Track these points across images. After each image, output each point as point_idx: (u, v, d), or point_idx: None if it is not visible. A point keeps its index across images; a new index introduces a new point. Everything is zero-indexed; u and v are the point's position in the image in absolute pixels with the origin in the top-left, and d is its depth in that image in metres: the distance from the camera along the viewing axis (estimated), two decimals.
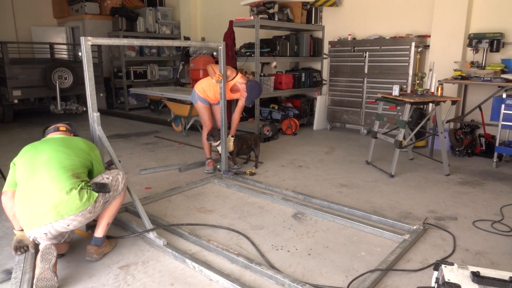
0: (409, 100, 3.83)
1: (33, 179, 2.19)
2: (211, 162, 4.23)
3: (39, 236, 2.18)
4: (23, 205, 2.18)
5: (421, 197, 3.46)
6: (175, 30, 9.35)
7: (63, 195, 2.12)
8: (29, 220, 2.14)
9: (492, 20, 4.93)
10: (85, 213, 2.20)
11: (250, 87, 4.00)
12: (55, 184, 2.15)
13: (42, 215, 2.11)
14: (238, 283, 2.07)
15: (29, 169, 2.24)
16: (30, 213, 2.14)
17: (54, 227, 2.14)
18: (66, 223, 2.15)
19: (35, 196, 2.15)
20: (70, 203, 2.13)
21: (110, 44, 3.04)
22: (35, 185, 2.17)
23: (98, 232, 2.40)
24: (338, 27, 6.45)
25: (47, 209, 2.11)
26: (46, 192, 2.14)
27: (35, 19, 9.37)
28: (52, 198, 2.12)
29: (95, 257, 2.37)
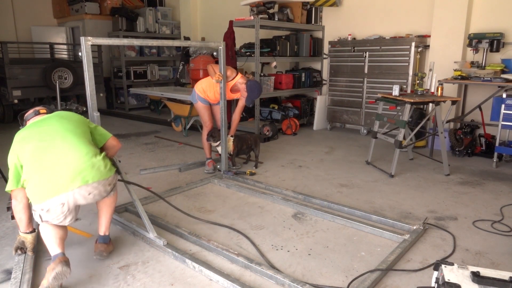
0: (409, 100, 3.83)
1: (48, 151, 2.11)
2: (211, 162, 4.23)
3: (53, 208, 2.06)
4: (40, 175, 2.07)
5: (421, 197, 3.46)
6: (175, 30, 9.35)
7: (88, 160, 2.10)
8: (47, 188, 2.04)
9: (492, 20, 4.93)
10: (106, 184, 2.18)
11: (250, 87, 4.00)
12: (76, 150, 2.11)
13: (65, 182, 2.04)
14: (238, 283, 2.07)
15: (41, 145, 2.14)
16: (49, 181, 2.05)
17: (75, 195, 2.07)
18: (88, 190, 2.10)
19: (54, 164, 2.07)
20: (95, 169, 2.11)
21: (110, 44, 3.04)
22: (53, 155, 2.10)
23: (104, 229, 2.39)
24: (338, 27, 6.45)
25: (72, 174, 2.05)
26: (67, 158, 2.08)
27: (35, 19, 9.37)
28: (76, 163, 2.07)
29: (105, 255, 2.35)
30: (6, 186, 2.21)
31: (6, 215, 3.05)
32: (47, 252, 2.46)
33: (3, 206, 3.21)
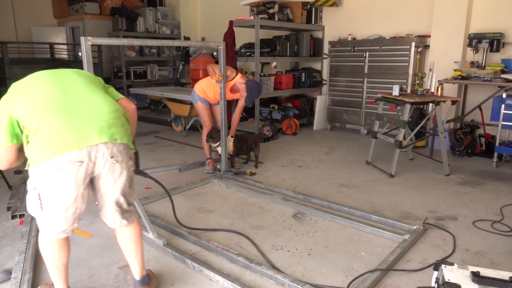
0: (409, 100, 3.83)
1: (67, 94, 1.71)
2: (211, 162, 4.23)
3: (68, 168, 1.60)
4: (60, 120, 1.61)
5: (421, 197, 3.46)
6: (175, 30, 9.35)
7: (119, 116, 1.75)
8: (66, 140, 1.60)
9: (492, 20, 4.93)
10: (128, 155, 1.79)
11: (250, 87, 4.00)
12: (105, 102, 1.75)
13: (90, 133, 1.63)
14: (238, 283, 2.07)
15: (57, 85, 1.73)
16: (70, 129, 1.61)
17: (98, 152, 1.65)
18: (113, 152, 1.70)
19: (79, 110, 1.66)
20: (124, 129, 1.76)
21: (110, 44, 3.05)
22: (76, 98, 1.71)
23: (138, 271, 1.98)
24: (338, 27, 6.45)
25: (100, 126, 1.65)
26: (96, 107, 1.71)
27: (35, 19, 9.37)
28: (107, 115, 1.70)
29: None
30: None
31: (6, 215, 3.05)
32: None
33: (3, 206, 3.21)
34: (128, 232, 1.94)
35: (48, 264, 1.83)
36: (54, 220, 1.71)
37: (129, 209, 1.91)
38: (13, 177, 3.92)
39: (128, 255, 1.97)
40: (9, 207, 3.14)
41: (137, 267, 1.97)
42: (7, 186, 3.60)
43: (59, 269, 1.83)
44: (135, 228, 1.95)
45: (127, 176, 1.82)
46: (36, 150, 1.61)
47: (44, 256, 1.82)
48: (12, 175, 3.99)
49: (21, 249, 2.41)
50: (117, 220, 1.89)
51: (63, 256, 1.82)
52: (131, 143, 1.83)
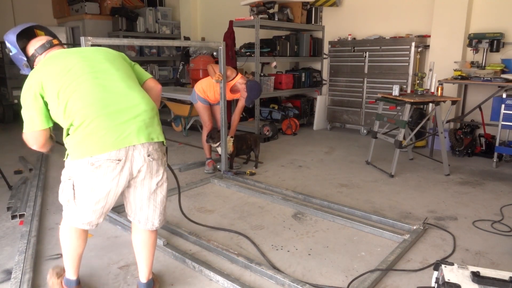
0: (409, 100, 3.83)
1: (105, 87, 1.73)
2: (211, 162, 4.23)
3: (106, 165, 1.66)
4: (102, 118, 1.66)
5: (421, 197, 3.46)
6: (175, 30, 9.35)
7: (154, 115, 1.79)
8: (107, 139, 1.65)
9: (492, 20, 4.93)
10: (162, 152, 1.82)
11: (250, 87, 4.00)
12: (143, 100, 1.77)
13: (129, 133, 1.68)
14: (238, 283, 2.07)
15: (92, 75, 1.74)
16: (111, 128, 1.66)
17: (135, 151, 1.70)
18: (149, 151, 1.74)
19: (118, 110, 1.70)
20: (159, 127, 1.81)
21: (110, 44, 3.04)
22: (115, 97, 1.73)
23: (146, 275, 2.00)
24: (338, 27, 6.45)
25: (139, 126, 1.70)
26: (134, 106, 1.73)
27: (35, 19, 9.31)
28: (144, 115, 1.74)
29: None
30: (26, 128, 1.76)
31: (6, 215, 3.05)
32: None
33: (3, 206, 3.21)
34: (148, 236, 1.97)
35: (65, 252, 1.94)
36: (83, 210, 1.77)
37: (163, 213, 1.96)
38: (13, 177, 3.92)
39: (139, 256, 1.99)
40: (9, 207, 3.15)
41: (146, 270, 2.00)
42: (7, 186, 3.60)
43: (73, 258, 1.96)
44: (154, 232, 1.99)
45: (163, 172, 1.87)
46: (79, 145, 1.68)
47: (63, 244, 1.93)
48: (12, 175, 3.99)
49: (21, 249, 2.41)
50: (151, 220, 1.91)
51: (80, 247, 1.94)
52: (163, 137, 1.86)
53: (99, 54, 1.88)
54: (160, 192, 1.89)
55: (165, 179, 1.89)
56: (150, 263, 2.00)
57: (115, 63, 1.88)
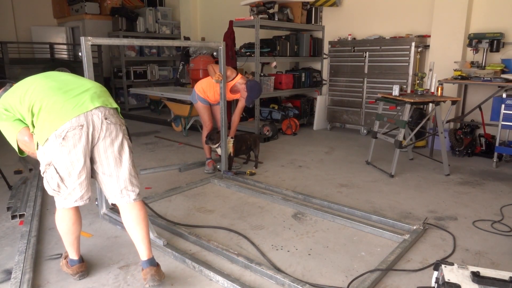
0: (409, 100, 3.83)
1: (60, 80, 2.02)
2: (211, 162, 4.23)
3: (71, 133, 1.84)
4: (57, 97, 1.89)
5: (421, 197, 3.46)
6: (175, 30, 9.35)
7: (105, 90, 2.08)
8: (65, 111, 1.86)
9: (492, 20, 4.93)
10: (119, 120, 2.01)
11: (250, 86, 4.00)
12: (88, 80, 2.10)
13: (84, 102, 1.90)
14: (238, 283, 2.07)
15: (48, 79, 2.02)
16: (67, 102, 1.88)
17: (93, 116, 1.90)
18: (106, 114, 1.93)
19: (71, 88, 1.96)
20: (112, 99, 2.07)
21: (110, 44, 3.04)
22: (67, 82, 2.01)
23: (145, 253, 2.07)
24: (338, 27, 6.45)
25: (91, 96, 1.94)
26: (85, 84, 2.02)
27: (35, 19, 9.38)
28: (95, 89, 2.01)
29: (158, 278, 2.01)
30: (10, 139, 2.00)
31: (6, 215, 3.05)
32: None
33: (3, 206, 3.21)
34: (135, 211, 2.07)
35: (63, 237, 2.12)
36: (71, 188, 1.94)
37: (136, 181, 2.09)
38: (13, 177, 3.92)
39: (134, 236, 2.08)
40: (9, 207, 3.15)
41: (144, 247, 2.06)
42: (7, 186, 3.60)
43: (71, 241, 2.13)
44: (141, 208, 2.10)
45: (123, 139, 2.03)
46: (43, 126, 1.87)
47: (60, 230, 2.10)
48: (12, 175, 3.99)
49: (21, 249, 2.41)
50: (125, 192, 2.04)
51: (76, 230, 2.11)
52: (120, 114, 2.09)
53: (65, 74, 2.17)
54: (125, 159, 2.04)
55: (126, 146, 2.05)
56: (147, 240, 2.07)
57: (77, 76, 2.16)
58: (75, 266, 2.17)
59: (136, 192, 2.08)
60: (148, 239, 2.09)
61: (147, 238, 2.08)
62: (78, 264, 2.18)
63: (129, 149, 2.07)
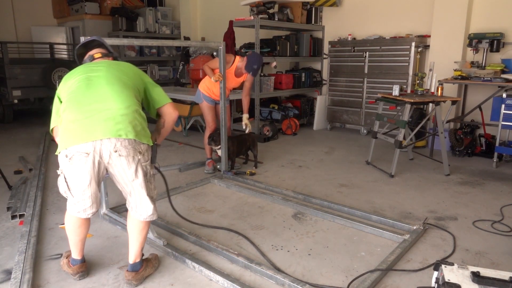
0: (409, 100, 3.83)
1: (89, 91, 1.95)
2: (211, 163, 4.23)
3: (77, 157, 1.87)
4: (75, 115, 1.89)
5: (421, 197, 3.46)
6: (175, 30, 9.35)
7: (128, 113, 1.92)
8: (77, 133, 1.87)
9: (492, 20, 4.93)
10: (137, 148, 1.93)
11: (249, 56, 4.02)
12: (118, 98, 1.94)
13: (96, 129, 1.86)
14: (238, 283, 2.07)
15: (85, 82, 1.99)
16: (81, 124, 1.88)
17: (102, 145, 1.87)
18: (117, 147, 1.88)
19: (91, 107, 1.90)
20: (132, 125, 1.92)
21: (110, 44, 3.04)
22: (92, 96, 1.94)
23: (132, 257, 2.15)
24: (338, 27, 6.45)
25: (106, 123, 1.87)
26: (106, 104, 1.91)
27: (35, 19, 9.37)
28: (114, 112, 1.89)
29: (134, 283, 2.11)
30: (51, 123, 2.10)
31: (6, 215, 3.05)
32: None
33: (3, 206, 3.21)
34: (137, 224, 2.14)
35: (69, 236, 2.17)
36: (76, 199, 2.00)
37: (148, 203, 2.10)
38: (13, 177, 3.92)
39: (130, 240, 2.18)
40: (9, 207, 3.15)
41: (132, 253, 2.16)
42: (7, 186, 3.60)
43: (76, 242, 2.18)
44: (142, 223, 2.14)
45: (137, 168, 2.01)
46: (60, 138, 1.95)
47: (66, 230, 2.16)
48: (12, 175, 3.99)
49: (21, 249, 2.41)
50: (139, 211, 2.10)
51: (81, 233, 2.16)
52: (144, 137, 2.00)
53: (107, 66, 2.12)
54: (138, 188, 2.05)
55: (140, 174, 2.03)
56: (136, 248, 2.15)
57: (114, 71, 2.09)
58: (76, 265, 2.19)
59: (148, 214, 2.11)
60: (137, 248, 2.16)
61: (136, 246, 2.15)
62: (79, 264, 2.20)
63: (144, 177, 2.05)
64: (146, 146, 2.03)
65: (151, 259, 2.30)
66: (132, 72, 2.20)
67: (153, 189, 2.16)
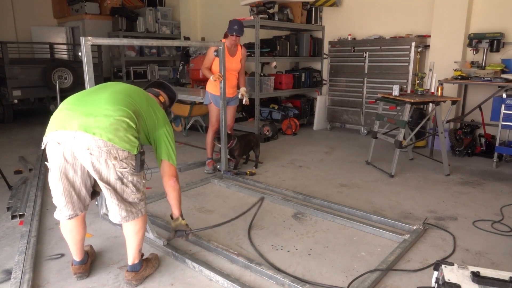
0: (409, 100, 3.83)
1: (93, 93, 2.05)
2: (211, 163, 4.23)
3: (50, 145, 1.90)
4: (64, 105, 1.96)
5: (421, 197, 3.46)
6: (175, 30, 9.36)
7: (112, 116, 1.86)
8: (56, 121, 1.90)
9: (492, 20, 4.93)
10: (111, 153, 1.84)
11: (229, 23, 4.05)
12: (111, 101, 1.93)
13: (73, 121, 1.85)
14: (238, 283, 2.07)
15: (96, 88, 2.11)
16: (64, 114, 1.91)
17: (75, 138, 1.83)
18: (88, 144, 1.82)
19: (82, 102, 1.96)
20: (112, 128, 1.84)
21: (110, 44, 3.04)
22: (91, 96, 2.01)
23: (130, 259, 2.15)
24: (338, 27, 6.45)
25: (84, 118, 1.85)
26: (95, 103, 1.93)
27: (35, 19, 9.38)
28: (97, 111, 1.88)
29: (134, 283, 2.13)
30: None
31: (6, 215, 3.05)
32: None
33: (3, 206, 3.21)
34: (126, 226, 2.09)
35: (66, 240, 2.18)
36: (54, 194, 2.01)
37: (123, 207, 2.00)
38: (13, 177, 3.92)
39: (126, 242, 2.16)
40: (9, 207, 3.15)
41: (130, 255, 2.16)
42: (7, 186, 3.60)
43: (71, 245, 2.18)
44: (132, 225, 2.08)
45: (107, 171, 1.90)
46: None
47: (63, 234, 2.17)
48: (12, 175, 3.99)
49: (21, 249, 2.41)
50: (113, 215, 2.03)
51: (73, 238, 2.15)
52: (125, 143, 1.88)
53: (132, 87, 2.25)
54: (105, 191, 1.95)
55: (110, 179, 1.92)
56: (133, 250, 2.14)
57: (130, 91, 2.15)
58: (75, 266, 2.20)
59: (117, 219, 2.02)
60: (134, 249, 2.14)
61: (133, 248, 2.13)
62: (77, 265, 2.20)
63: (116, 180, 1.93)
64: (125, 153, 1.89)
65: (151, 259, 2.29)
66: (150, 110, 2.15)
67: (130, 193, 1.99)
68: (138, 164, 1.96)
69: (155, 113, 2.17)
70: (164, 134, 2.18)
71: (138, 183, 2.02)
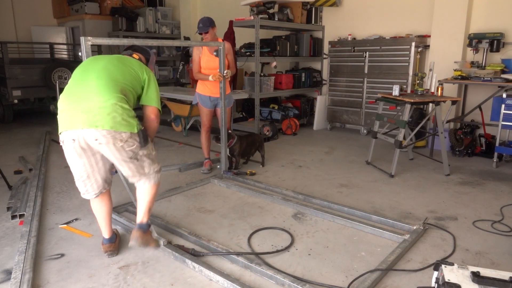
0: (409, 100, 3.83)
1: (81, 83, 2.16)
2: (208, 163, 4.24)
3: (67, 142, 2.11)
4: (65, 104, 2.12)
5: (421, 197, 3.46)
6: (175, 30, 9.35)
7: (107, 106, 2.06)
8: (64, 120, 2.10)
9: (492, 20, 4.93)
10: (116, 137, 2.08)
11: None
12: (101, 92, 2.09)
13: (77, 119, 2.06)
14: (238, 283, 2.06)
15: (81, 75, 2.22)
16: (68, 114, 2.09)
17: (84, 134, 2.07)
18: (96, 136, 2.06)
19: (77, 99, 2.10)
20: (110, 116, 2.06)
21: (110, 44, 3.04)
22: (81, 88, 2.13)
23: (141, 218, 2.31)
24: (338, 27, 6.45)
25: (85, 114, 2.05)
26: (89, 96, 2.08)
27: (35, 19, 9.37)
28: (93, 104, 2.06)
29: (140, 241, 2.24)
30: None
31: (6, 215, 3.05)
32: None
33: (3, 206, 3.21)
34: (142, 187, 2.32)
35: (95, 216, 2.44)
36: (77, 182, 2.29)
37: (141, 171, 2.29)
38: (13, 177, 3.92)
39: (138, 203, 2.35)
40: (9, 207, 3.15)
41: (139, 214, 2.33)
42: (7, 186, 3.60)
43: (99, 221, 2.43)
44: (150, 187, 2.33)
45: (121, 154, 2.16)
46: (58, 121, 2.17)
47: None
48: (12, 175, 3.99)
49: (21, 249, 2.40)
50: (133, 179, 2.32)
51: (100, 211, 2.41)
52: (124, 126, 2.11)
53: (108, 61, 2.28)
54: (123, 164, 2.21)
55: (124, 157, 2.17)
56: (142, 209, 2.32)
57: (110, 66, 2.24)
58: (105, 245, 2.41)
59: (142, 180, 2.31)
60: (145, 207, 2.32)
61: (143, 206, 2.32)
62: (107, 243, 2.41)
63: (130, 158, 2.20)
64: (128, 134, 2.13)
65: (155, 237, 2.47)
66: (131, 69, 2.32)
67: (148, 165, 2.31)
68: (142, 139, 2.21)
69: (133, 68, 2.34)
70: (151, 83, 2.48)
71: (150, 154, 2.32)
